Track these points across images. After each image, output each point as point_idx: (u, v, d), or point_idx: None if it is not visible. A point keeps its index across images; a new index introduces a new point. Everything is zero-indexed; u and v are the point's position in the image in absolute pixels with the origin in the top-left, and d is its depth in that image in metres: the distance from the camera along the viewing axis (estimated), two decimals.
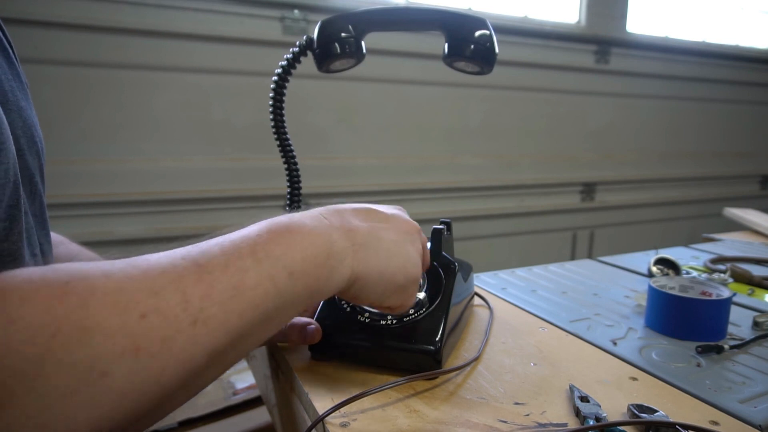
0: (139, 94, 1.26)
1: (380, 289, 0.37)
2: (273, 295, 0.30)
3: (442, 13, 0.51)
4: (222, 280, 0.28)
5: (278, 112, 0.52)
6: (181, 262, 0.28)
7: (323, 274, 0.33)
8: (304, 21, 1.39)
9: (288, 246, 0.32)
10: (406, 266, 0.38)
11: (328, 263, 0.33)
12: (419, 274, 0.39)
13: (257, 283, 0.29)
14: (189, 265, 0.28)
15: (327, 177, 1.50)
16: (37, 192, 0.41)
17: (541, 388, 0.40)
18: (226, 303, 0.28)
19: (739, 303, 0.62)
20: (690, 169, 2.20)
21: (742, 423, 0.36)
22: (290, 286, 0.31)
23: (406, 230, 0.39)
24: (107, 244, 1.25)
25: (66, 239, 0.56)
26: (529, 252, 1.87)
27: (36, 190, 0.41)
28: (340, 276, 0.34)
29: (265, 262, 0.30)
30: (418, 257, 0.39)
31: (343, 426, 0.34)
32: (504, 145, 1.77)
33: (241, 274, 0.29)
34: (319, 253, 0.33)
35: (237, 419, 1.09)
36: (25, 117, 0.40)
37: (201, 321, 0.26)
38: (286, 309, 0.32)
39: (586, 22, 1.84)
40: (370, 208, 0.39)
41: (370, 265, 0.36)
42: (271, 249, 0.31)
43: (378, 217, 0.38)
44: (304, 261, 0.32)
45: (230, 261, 0.29)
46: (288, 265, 0.31)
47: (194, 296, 0.27)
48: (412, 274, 0.38)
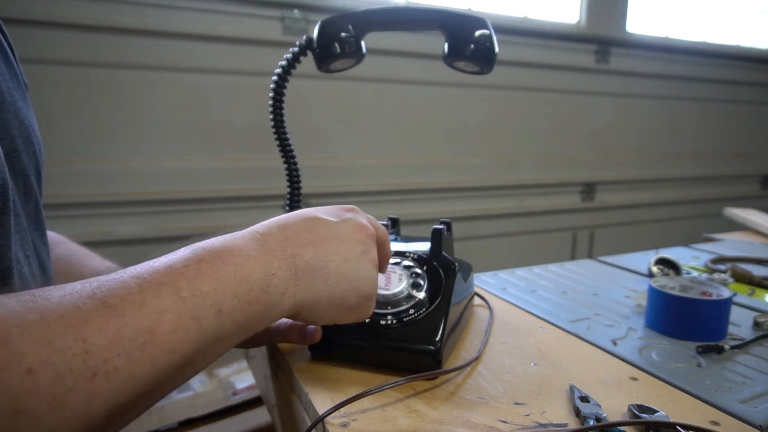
0: (139, 94, 1.26)
1: (332, 312, 0.35)
2: (195, 337, 0.27)
3: (442, 13, 0.51)
4: (133, 325, 0.25)
5: (278, 112, 0.52)
6: (86, 302, 0.25)
7: (258, 309, 0.30)
8: (304, 21, 1.39)
9: (218, 280, 0.29)
10: (358, 285, 0.35)
11: (264, 298, 0.31)
12: (374, 290, 0.37)
13: (176, 326, 0.26)
14: (97, 306, 0.24)
15: (327, 177, 1.50)
16: (32, 193, 0.41)
17: (541, 388, 0.40)
18: (136, 351, 0.25)
19: (739, 303, 0.62)
20: (690, 169, 2.20)
21: (743, 423, 0.36)
22: (218, 324, 0.28)
23: (358, 239, 0.36)
24: (107, 244, 1.25)
25: (67, 239, 0.56)
26: (529, 252, 1.87)
27: (31, 190, 0.41)
28: (279, 308, 0.32)
29: (189, 301, 0.27)
30: (371, 269, 0.37)
31: (343, 426, 0.34)
32: (504, 145, 1.77)
33: (156, 315, 0.26)
34: (254, 287, 0.30)
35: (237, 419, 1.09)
36: (22, 118, 0.40)
37: (102, 374, 0.23)
38: (213, 348, 0.29)
39: (586, 22, 1.84)
40: (317, 218, 0.36)
41: (317, 293, 0.34)
42: (197, 284, 0.28)
43: (325, 232, 0.35)
44: (236, 296, 0.29)
45: (146, 300, 0.26)
46: (216, 302, 0.28)
47: (97, 345, 0.23)
48: (365, 292, 0.36)
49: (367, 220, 0.39)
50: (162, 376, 0.26)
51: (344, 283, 0.35)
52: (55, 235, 0.55)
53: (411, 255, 0.47)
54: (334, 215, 0.37)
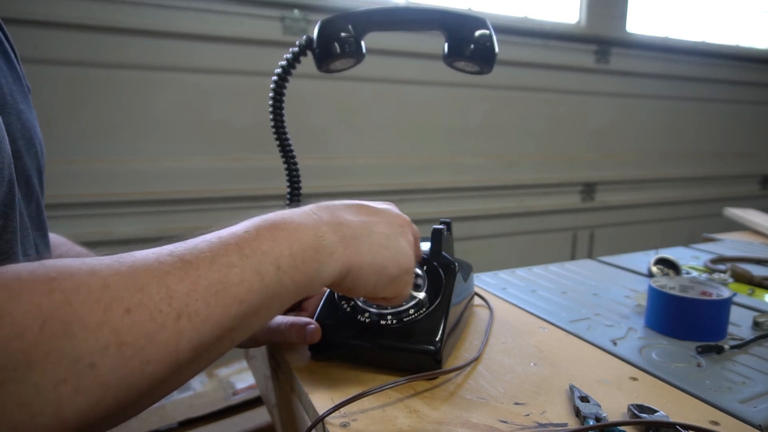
0: (139, 94, 1.26)
1: (373, 280, 0.37)
2: (259, 289, 0.30)
3: (442, 13, 0.51)
4: (207, 276, 0.28)
5: (278, 112, 0.52)
6: (167, 258, 0.28)
7: (311, 267, 0.33)
8: (304, 21, 1.39)
9: (275, 241, 0.32)
10: (398, 257, 0.38)
11: (316, 257, 0.34)
12: (412, 265, 0.40)
13: (243, 278, 0.30)
14: (174, 261, 0.28)
15: (327, 177, 1.50)
16: (33, 193, 0.41)
17: (541, 388, 0.40)
18: (211, 298, 0.28)
19: (739, 303, 0.62)
20: (690, 169, 2.20)
21: (742, 423, 0.36)
22: (277, 280, 0.31)
23: (397, 223, 0.40)
24: (107, 244, 1.25)
25: (68, 241, 0.56)
26: (529, 252, 1.87)
27: (33, 191, 0.41)
28: (330, 269, 0.35)
29: (252, 258, 0.31)
30: (409, 249, 0.40)
31: (343, 426, 0.34)
32: (504, 145, 1.77)
33: (226, 269, 0.29)
34: (307, 248, 0.33)
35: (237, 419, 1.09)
36: (23, 120, 0.40)
37: (186, 316, 0.27)
38: (274, 303, 0.32)
39: (586, 22, 1.84)
40: (360, 203, 0.40)
41: (362, 258, 0.36)
42: (257, 245, 0.31)
43: (369, 212, 0.39)
44: (292, 255, 0.32)
45: (216, 257, 0.29)
46: (275, 260, 0.32)
47: (179, 292, 0.27)
48: (404, 265, 0.39)
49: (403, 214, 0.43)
50: (233, 322, 0.29)
51: (386, 252, 0.37)
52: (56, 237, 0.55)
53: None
54: (375, 203, 0.42)
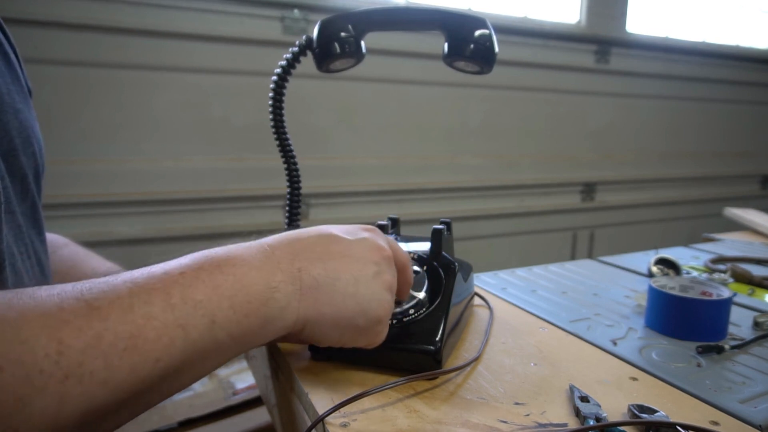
0: (139, 94, 1.26)
1: (336, 334, 0.34)
2: (181, 346, 0.26)
3: (442, 13, 0.51)
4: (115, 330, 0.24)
5: (278, 112, 0.52)
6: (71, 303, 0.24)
7: (255, 322, 0.30)
8: (304, 21, 1.39)
9: (214, 289, 0.28)
10: (367, 307, 0.34)
11: (262, 311, 0.30)
12: (386, 312, 0.36)
13: (162, 333, 0.26)
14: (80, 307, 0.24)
15: (327, 177, 1.50)
16: (29, 192, 0.41)
17: (541, 388, 0.40)
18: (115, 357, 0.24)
19: (739, 303, 0.62)
20: (690, 169, 2.20)
21: (743, 423, 0.36)
22: (209, 335, 0.27)
23: (372, 260, 0.35)
24: (107, 244, 1.25)
25: (70, 241, 0.56)
26: (529, 252, 1.87)
27: (28, 190, 0.41)
28: (279, 323, 0.31)
29: (179, 308, 0.27)
30: (384, 292, 0.35)
31: (343, 426, 0.34)
32: (504, 145, 1.77)
33: (142, 321, 0.25)
34: (253, 300, 0.29)
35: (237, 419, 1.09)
36: (21, 119, 0.40)
37: (76, 377, 0.23)
38: (205, 360, 0.28)
39: (586, 22, 1.84)
40: (332, 235, 0.35)
41: (322, 310, 0.32)
42: (190, 293, 0.27)
43: (338, 249, 0.34)
44: (232, 308, 0.28)
45: (134, 304, 0.26)
46: (210, 313, 0.27)
47: (73, 348, 0.23)
48: (374, 315, 0.35)
49: (386, 241, 0.37)
50: (144, 384, 0.25)
51: (351, 303, 0.33)
52: (58, 238, 0.55)
53: (411, 255, 0.47)
54: (351, 233, 0.36)
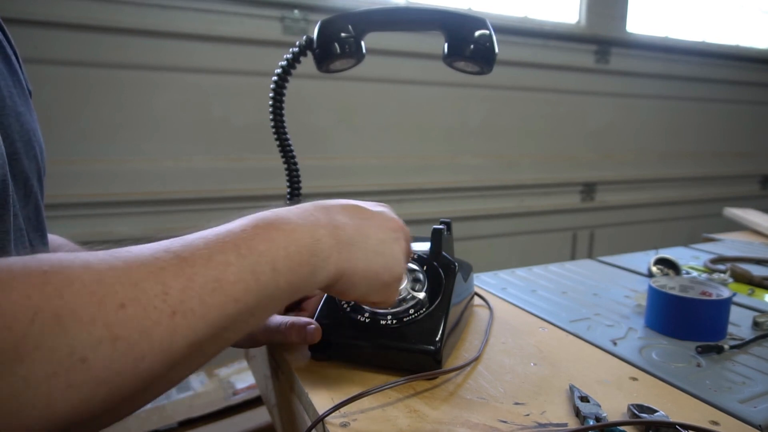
0: (139, 94, 1.26)
1: (365, 286, 0.37)
2: (255, 289, 0.30)
3: (442, 13, 0.51)
4: (203, 274, 0.28)
5: (278, 112, 0.52)
6: (163, 254, 0.28)
7: (306, 270, 0.33)
8: (304, 21, 1.39)
9: (272, 242, 0.32)
10: (391, 265, 0.38)
11: (311, 260, 0.34)
12: (402, 273, 0.40)
13: (239, 278, 0.29)
14: (171, 257, 0.28)
15: (327, 177, 1.50)
16: (32, 194, 0.41)
17: (541, 388, 0.40)
18: (207, 296, 0.28)
19: (739, 303, 0.62)
20: (690, 169, 2.20)
21: (742, 423, 0.36)
22: (273, 281, 0.31)
23: (392, 227, 0.39)
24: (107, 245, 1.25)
25: (69, 242, 0.56)
26: (529, 252, 1.87)
27: (31, 192, 0.41)
28: (324, 273, 0.35)
29: (248, 257, 0.30)
30: (402, 255, 0.40)
31: (343, 426, 0.34)
32: (504, 145, 1.77)
33: (222, 268, 0.29)
34: (303, 251, 0.33)
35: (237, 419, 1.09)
36: (23, 122, 0.40)
37: (181, 313, 0.26)
38: (269, 303, 0.32)
39: (586, 22, 1.84)
40: (357, 205, 0.40)
41: (356, 264, 0.36)
42: (254, 244, 0.31)
43: (365, 215, 0.39)
44: (288, 258, 0.32)
45: (213, 255, 0.29)
46: (271, 261, 0.31)
47: (174, 288, 0.27)
48: (396, 273, 0.39)
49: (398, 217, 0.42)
50: (228, 321, 0.29)
51: (380, 259, 0.37)
52: (56, 238, 0.55)
53: (411, 255, 0.47)
54: (371, 205, 0.41)
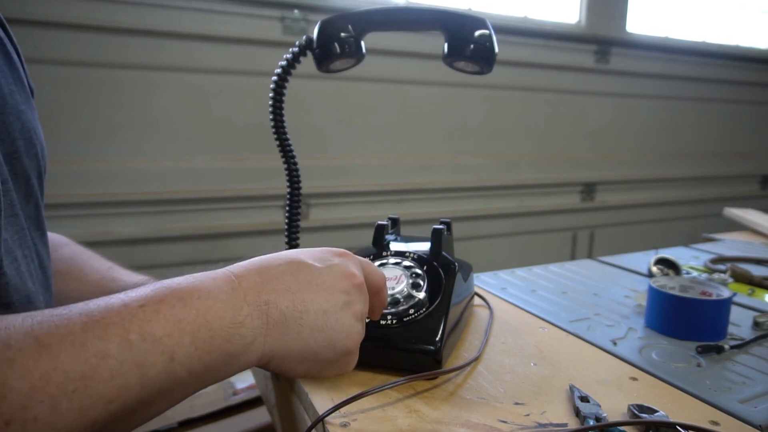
0: (139, 94, 1.26)
1: (303, 367, 0.33)
2: (137, 386, 0.25)
3: (442, 13, 0.51)
4: (65, 370, 0.23)
5: (278, 112, 0.52)
6: (21, 338, 0.23)
7: (218, 359, 0.28)
8: (304, 21, 1.39)
9: (176, 325, 0.27)
10: (336, 340, 0.33)
11: (225, 347, 0.28)
12: (354, 344, 0.35)
13: (116, 374, 0.24)
14: (30, 344, 0.23)
15: (327, 177, 1.50)
16: (32, 193, 0.41)
17: (541, 388, 0.40)
18: (63, 399, 0.22)
19: (739, 303, 0.62)
20: (690, 169, 2.20)
21: (742, 423, 0.36)
22: (168, 373, 0.26)
23: (341, 289, 0.34)
24: (107, 244, 1.25)
25: (71, 241, 0.56)
26: (529, 252, 1.87)
27: (32, 191, 0.41)
28: (244, 359, 0.30)
29: (137, 346, 0.25)
30: (354, 322, 0.35)
31: (343, 426, 0.34)
32: (504, 145, 1.77)
33: (95, 360, 0.24)
34: (217, 335, 0.28)
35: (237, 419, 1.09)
36: (24, 120, 0.40)
37: (18, 422, 0.21)
38: (161, 398, 0.27)
39: (586, 22, 1.84)
40: (301, 263, 0.34)
41: (288, 345, 0.32)
42: (149, 328, 0.26)
43: (306, 279, 0.33)
44: (194, 344, 0.27)
45: (88, 341, 0.24)
46: (169, 350, 0.26)
47: (16, 390, 0.21)
48: (342, 348, 0.34)
49: (358, 266, 0.37)
50: (94, 427, 0.24)
51: (319, 337, 0.33)
52: (59, 237, 0.55)
53: (411, 255, 0.47)
54: (321, 260, 0.35)
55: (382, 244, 0.50)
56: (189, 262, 1.34)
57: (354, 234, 1.51)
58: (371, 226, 0.51)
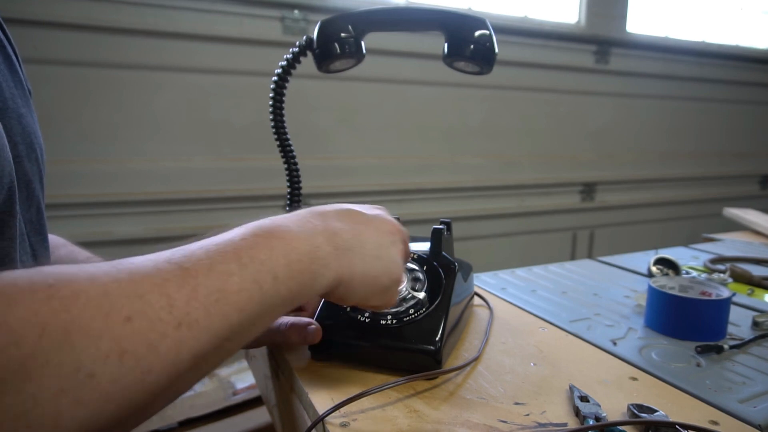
0: (139, 94, 1.26)
1: (365, 290, 0.37)
2: (257, 299, 0.30)
3: (442, 13, 0.51)
4: (206, 284, 0.28)
5: (278, 112, 0.52)
6: (165, 265, 0.28)
7: (307, 278, 0.33)
8: (304, 21, 1.39)
9: (272, 250, 0.32)
10: (390, 268, 0.38)
11: (311, 267, 0.33)
12: (401, 275, 0.40)
13: (241, 288, 0.29)
14: (173, 268, 0.28)
15: (327, 177, 1.50)
16: (33, 198, 0.41)
17: (541, 388, 0.40)
18: (211, 306, 0.28)
19: (738, 303, 0.62)
20: (690, 169, 2.20)
21: (742, 423, 0.36)
22: (275, 289, 0.31)
23: (389, 231, 0.39)
24: (107, 244, 1.25)
25: (68, 242, 0.56)
26: (529, 252, 1.87)
27: (33, 195, 0.41)
28: (324, 279, 0.34)
29: (250, 266, 0.30)
30: (400, 258, 0.40)
31: (343, 426, 0.34)
32: (504, 145, 1.77)
33: (225, 278, 0.29)
34: (303, 258, 0.33)
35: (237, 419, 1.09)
36: (24, 124, 0.40)
37: (186, 324, 0.26)
38: (271, 311, 0.32)
39: (586, 22, 1.84)
40: (352, 209, 0.40)
41: (354, 269, 0.36)
42: (255, 253, 0.31)
43: (360, 219, 0.39)
44: (288, 265, 0.32)
45: (214, 265, 0.29)
46: (272, 269, 0.31)
47: (179, 300, 0.26)
48: (395, 275, 0.39)
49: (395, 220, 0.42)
50: (232, 331, 0.29)
51: (378, 263, 0.37)
52: (56, 238, 0.55)
53: (411, 255, 0.48)
54: (367, 209, 0.41)
55: None
56: None
57: None
58: None
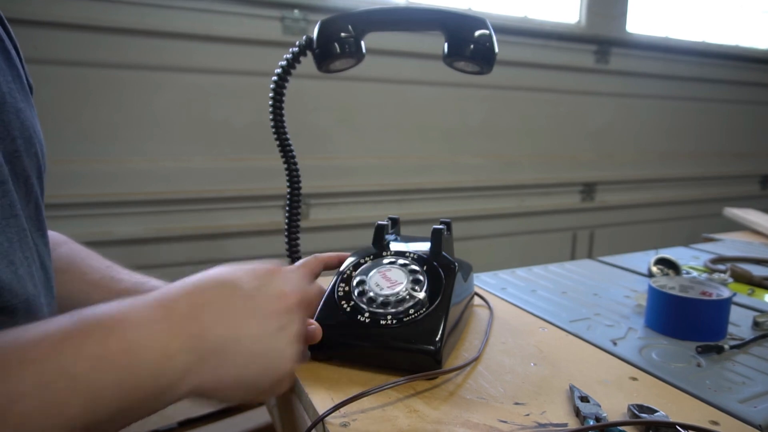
0: (139, 94, 1.26)
1: (239, 393, 0.32)
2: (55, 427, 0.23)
3: (442, 13, 0.51)
4: None
5: (278, 112, 0.52)
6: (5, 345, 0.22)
7: (145, 396, 0.26)
8: (304, 21, 1.39)
9: (99, 361, 0.24)
10: (271, 367, 0.33)
11: (153, 384, 0.26)
12: (290, 368, 0.35)
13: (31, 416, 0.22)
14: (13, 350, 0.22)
15: (327, 177, 1.50)
16: (32, 194, 0.41)
17: (541, 388, 0.40)
18: None
19: (739, 303, 0.62)
20: (690, 169, 2.20)
21: (742, 423, 0.36)
22: (89, 414, 0.24)
23: (274, 311, 0.33)
24: (107, 244, 1.25)
25: (70, 239, 0.56)
26: (529, 252, 1.87)
27: (32, 191, 0.41)
28: (170, 395, 0.28)
29: (54, 386, 0.23)
30: (289, 345, 0.34)
31: (343, 426, 0.34)
32: (504, 145, 1.77)
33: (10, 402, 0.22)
34: (144, 372, 0.26)
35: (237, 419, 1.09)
36: (23, 119, 0.40)
37: None
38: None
39: (586, 22, 1.84)
40: (234, 285, 0.33)
41: (222, 377, 0.30)
42: (72, 366, 0.23)
43: (239, 305, 0.32)
44: (118, 383, 0.25)
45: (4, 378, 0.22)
46: (90, 390, 0.24)
47: None
48: (278, 373, 0.33)
49: (292, 282, 0.36)
50: None
51: (254, 366, 0.32)
52: (57, 236, 0.55)
53: (411, 255, 0.47)
54: (254, 279, 0.34)
55: (382, 244, 0.50)
56: (189, 262, 1.34)
57: (354, 234, 1.51)
58: (371, 226, 0.51)
